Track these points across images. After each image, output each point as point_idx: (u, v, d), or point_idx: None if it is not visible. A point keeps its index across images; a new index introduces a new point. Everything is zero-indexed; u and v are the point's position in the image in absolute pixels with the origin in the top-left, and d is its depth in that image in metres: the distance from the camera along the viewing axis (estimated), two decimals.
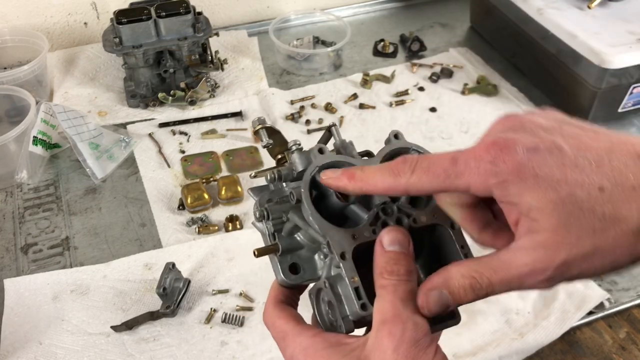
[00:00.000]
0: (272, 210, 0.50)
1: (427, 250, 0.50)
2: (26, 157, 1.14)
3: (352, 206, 0.47)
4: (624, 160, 0.38)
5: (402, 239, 0.44)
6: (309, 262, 0.50)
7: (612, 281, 0.98)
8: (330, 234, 0.45)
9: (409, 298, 0.42)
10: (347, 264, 0.44)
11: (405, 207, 0.47)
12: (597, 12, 1.27)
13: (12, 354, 0.87)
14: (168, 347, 0.88)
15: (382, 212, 0.47)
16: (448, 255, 0.48)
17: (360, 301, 0.44)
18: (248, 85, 1.41)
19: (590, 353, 0.89)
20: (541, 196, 0.37)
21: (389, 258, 0.44)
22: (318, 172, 0.48)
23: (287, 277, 0.49)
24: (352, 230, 0.46)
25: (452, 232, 0.48)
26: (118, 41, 1.24)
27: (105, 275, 0.98)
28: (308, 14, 1.63)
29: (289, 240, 0.50)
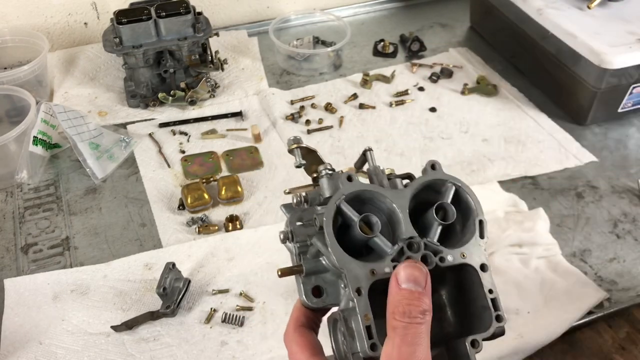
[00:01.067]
0: (297, 232, 0.49)
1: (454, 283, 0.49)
2: (26, 157, 1.14)
3: (376, 239, 0.46)
4: None
5: (419, 277, 0.43)
6: (333, 285, 0.49)
7: (612, 281, 0.98)
8: (348, 267, 0.44)
9: (417, 342, 0.41)
10: (361, 301, 0.43)
11: (432, 244, 0.46)
12: (596, 12, 1.28)
13: (13, 353, 0.87)
14: (168, 347, 0.88)
15: (407, 247, 0.45)
16: (474, 297, 0.47)
17: (370, 341, 0.43)
18: (248, 85, 1.41)
19: (590, 353, 0.89)
20: None
21: (402, 297, 0.42)
22: (344, 200, 0.47)
23: (309, 299, 0.48)
24: (372, 265, 0.44)
25: (481, 275, 0.46)
26: (118, 41, 1.24)
27: (105, 275, 0.99)
28: (308, 14, 1.63)
29: (314, 262, 0.49)
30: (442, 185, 0.49)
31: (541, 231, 1.03)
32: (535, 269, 0.98)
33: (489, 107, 1.35)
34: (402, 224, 0.46)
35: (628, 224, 1.08)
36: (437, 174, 0.49)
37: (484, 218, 0.48)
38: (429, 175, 0.49)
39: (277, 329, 0.90)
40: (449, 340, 0.47)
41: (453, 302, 0.49)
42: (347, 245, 0.46)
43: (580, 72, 1.23)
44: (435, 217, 0.47)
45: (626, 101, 1.27)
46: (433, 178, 0.49)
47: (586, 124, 1.30)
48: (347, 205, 0.47)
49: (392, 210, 0.47)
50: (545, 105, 1.35)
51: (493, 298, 0.45)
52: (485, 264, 0.46)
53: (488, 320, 0.45)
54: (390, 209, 0.48)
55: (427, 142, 1.26)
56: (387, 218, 0.48)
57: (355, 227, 0.46)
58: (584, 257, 1.02)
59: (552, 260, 0.99)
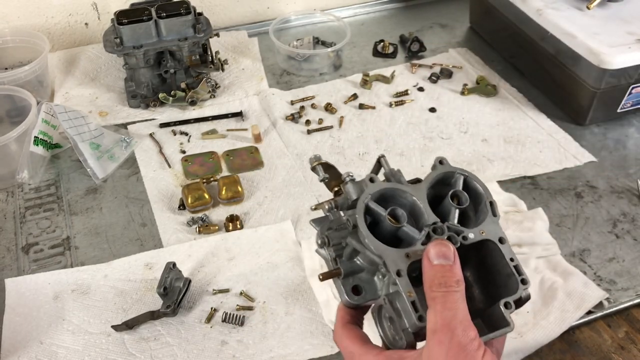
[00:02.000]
0: (332, 237, 0.54)
1: (476, 263, 0.54)
2: (27, 157, 1.14)
3: (404, 228, 0.51)
4: None
5: (447, 252, 0.48)
6: (369, 283, 0.53)
7: (612, 281, 0.98)
8: (385, 254, 0.49)
9: (456, 307, 0.46)
10: (403, 281, 0.48)
11: (454, 226, 0.51)
12: (596, 13, 1.28)
13: (13, 353, 0.88)
14: (168, 347, 0.89)
15: (433, 231, 0.51)
16: (498, 267, 0.52)
17: (418, 313, 0.47)
18: (248, 85, 1.41)
19: (590, 352, 0.89)
20: None
21: (436, 272, 0.47)
22: (371, 199, 0.52)
23: (350, 298, 0.53)
24: (406, 249, 0.50)
25: (501, 247, 0.51)
26: (119, 42, 1.25)
27: (106, 274, 0.99)
28: (308, 14, 1.64)
29: (350, 264, 0.54)
30: (451, 177, 0.55)
31: (540, 231, 1.03)
32: (535, 269, 0.98)
33: (489, 108, 1.35)
34: (424, 213, 0.52)
35: (627, 223, 1.08)
36: (446, 167, 0.55)
37: (493, 199, 0.54)
38: (439, 169, 0.55)
39: (278, 328, 0.91)
40: (481, 314, 0.52)
41: (479, 280, 0.54)
42: (377, 239, 0.50)
43: (580, 72, 1.23)
44: (452, 203, 0.53)
45: (625, 101, 1.27)
46: (443, 172, 0.55)
47: (585, 124, 1.30)
48: (374, 203, 0.52)
49: (414, 203, 0.53)
50: (544, 105, 1.36)
51: (515, 265, 0.51)
52: (503, 237, 0.52)
53: (514, 285, 0.51)
54: (412, 202, 0.53)
55: (427, 142, 1.26)
56: (410, 211, 0.53)
57: (385, 221, 0.51)
58: (583, 256, 1.02)
59: (551, 260, 0.99)
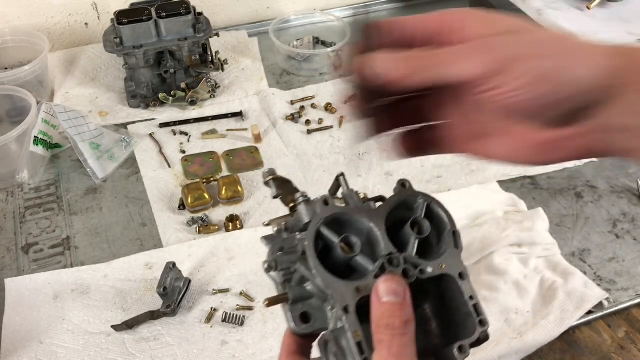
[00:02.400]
0: (280, 261, 0.50)
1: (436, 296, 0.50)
2: (27, 157, 1.14)
3: (357, 258, 0.47)
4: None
5: (398, 289, 0.44)
6: (320, 311, 0.49)
7: (612, 281, 0.98)
8: (333, 287, 0.45)
9: (403, 352, 0.42)
10: (349, 318, 0.44)
11: (411, 258, 0.47)
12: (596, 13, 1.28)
13: (13, 353, 0.88)
14: (168, 347, 0.89)
15: (388, 263, 0.47)
16: (457, 306, 0.48)
17: (363, 356, 0.44)
18: (248, 85, 1.41)
19: (589, 352, 0.89)
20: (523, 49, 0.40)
21: (385, 310, 0.43)
22: (323, 224, 0.48)
23: (297, 326, 0.49)
24: (357, 283, 0.46)
25: (460, 284, 0.48)
26: (119, 41, 1.25)
27: (106, 274, 0.99)
28: (308, 14, 1.63)
29: (299, 289, 0.50)
30: (414, 202, 0.50)
31: (540, 231, 1.03)
32: (535, 269, 0.98)
33: None
34: (380, 242, 0.48)
35: (627, 223, 1.08)
36: (408, 191, 0.51)
37: (457, 229, 0.50)
38: (400, 193, 0.51)
39: (278, 328, 0.91)
40: (437, 351, 0.48)
41: (437, 314, 0.50)
42: (329, 268, 0.47)
43: None
44: (411, 232, 0.48)
45: None
46: (405, 195, 0.50)
47: None
48: (326, 229, 0.48)
49: (370, 230, 0.49)
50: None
51: (475, 304, 0.47)
52: (464, 273, 0.48)
53: (472, 326, 0.47)
54: (368, 228, 0.49)
55: None
56: (366, 238, 0.49)
57: (337, 249, 0.47)
58: (583, 256, 1.02)
59: (551, 260, 0.99)
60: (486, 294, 0.94)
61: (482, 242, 1.01)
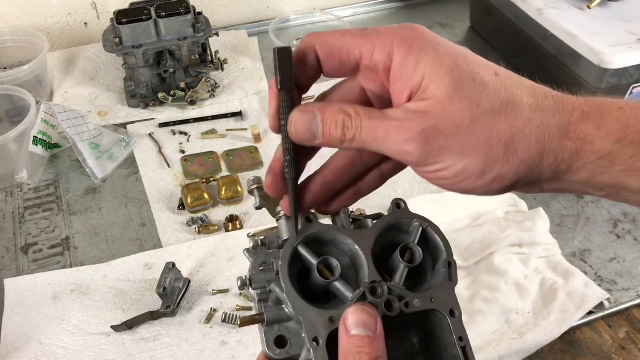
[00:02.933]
0: (255, 279, 0.46)
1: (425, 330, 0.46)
2: (26, 157, 1.14)
3: (336, 283, 0.42)
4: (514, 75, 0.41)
5: (369, 321, 0.39)
6: (297, 335, 0.45)
7: (612, 281, 0.98)
8: (305, 315, 0.41)
9: None
10: (318, 351, 0.40)
11: (397, 288, 0.42)
12: (596, 12, 1.27)
13: (13, 353, 0.87)
14: (168, 347, 0.88)
15: (370, 292, 0.42)
16: (445, 344, 0.43)
17: None
18: (248, 85, 1.41)
19: (590, 353, 0.89)
20: (438, 62, 0.38)
21: (352, 345, 0.39)
22: (302, 243, 0.43)
23: (271, 350, 0.45)
24: (331, 312, 0.41)
25: (450, 322, 0.43)
26: (118, 41, 1.24)
27: (105, 275, 0.99)
28: (308, 14, 1.63)
29: (276, 311, 0.46)
30: (409, 225, 0.46)
31: (541, 231, 1.03)
32: (535, 269, 0.98)
33: None
34: (365, 267, 0.43)
35: (628, 224, 1.08)
36: (403, 213, 0.46)
37: (453, 260, 0.44)
38: (394, 214, 0.46)
39: None
40: None
41: (425, 349, 0.46)
42: (310, 291, 0.43)
43: (580, 72, 1.23)
44: (400, 259, 0.43)
45: None
46: (398, 217, 0.45)
47: None
48: (306, 248, 0.44)
49: (355, 253, 0.44)
50: None
51: (463, 346, 0.42)
52: (455, 310, 0.43)
53: None
54: (353, 251, 0.44)
55: None
56: (351, 261, 0.45)
57: (314, 272, 0.42)
58: (584, 257, 1.02)
59: (552, 260, 0.99)
60: (487, 295, 0.94)
61: (482, 242, 1.00)
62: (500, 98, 0.38)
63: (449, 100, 0.37)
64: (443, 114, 0.37)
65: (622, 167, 0.37)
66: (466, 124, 0.37)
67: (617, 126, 0.37)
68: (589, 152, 0.38)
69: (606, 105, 0.38)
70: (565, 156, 0.38)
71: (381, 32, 0.39)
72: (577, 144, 0.38)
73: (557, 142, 0.38)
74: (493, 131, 0.37)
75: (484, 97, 0.37)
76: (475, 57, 0.40)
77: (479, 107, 0.37)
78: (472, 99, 0.37)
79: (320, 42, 0.41)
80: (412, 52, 0.38)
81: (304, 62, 0.41)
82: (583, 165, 0.38)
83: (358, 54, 0.40)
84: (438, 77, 0.38)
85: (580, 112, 0.38)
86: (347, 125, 0.40)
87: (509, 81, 0.39)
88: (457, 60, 0.38)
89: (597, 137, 0.37)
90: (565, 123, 0.38)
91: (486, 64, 0.39)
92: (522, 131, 0.38)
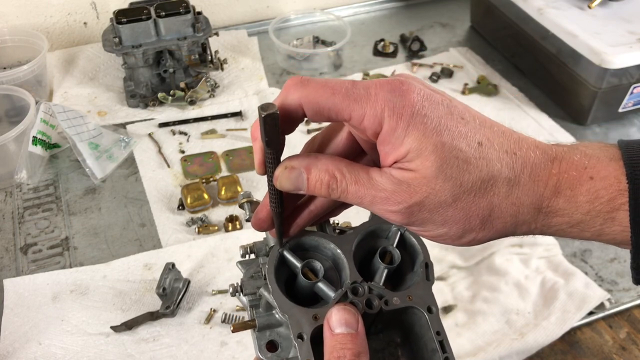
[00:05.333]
0: (246, 285, 0.49)
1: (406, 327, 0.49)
2: (26, 157, 1.14)
3: (319, 284, 0.46)
4: (500, 129, 0.42)
5: (350, 319, 0.43)
6: (288, 339, 0.48)
7: (613, 281, 0.98)
8: (290, 313, 0.44)
9: None
10: (303, 346, 0.43)
11: (377, 288, 0.46)
12: (597, 12, 1.27)
13: (12, 354, 0.87)
14: (168, 348, 0.88)
15: (351, 292, 0.45)
16: (424, 339, 0.46)
17: None
18: (248, 85, 1.41)
19: (591, 353, 0.89)
20: (424, 138, 0.39)
21: (336, 342, 0.42)
22: (288, 248, 0.47)
23: (262, 354, 0.48)
24: (315, 310, 0.44)
25: (428, 318, 0.46)
26: (118, 41, 1.24)
27: (105, 275, 0.98)
28: (308, 13, 1.63)
29: (267, 316, 0.49)
30: (388, 231, 0.49)
31: None
32: (536, 269, 0.97)
33: (490, 107, 1.35)
34: (346, 269, 0.46)
35: None
36: (382, 219, 0.48)
37: (430, 261, 0.48)
38: (373, 220, 0.49)
39: None
40: None
41: (406, 346, 0.49)
42: (297, 295, 0.46)
43: (581, 71, 1.23)
44: (380, 261, 0.47)
45: (627, 101, 1.26)
46: (378, 224, 0.49)
47: (587, 124, 1.30)
48: (291, 253, 0.47)
49: (337, 256, 0.48)
50: (545, 105, 1.35)
51: (440, 340, 0.45)
52: (432, 307, 0.46)
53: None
54: (336, 254, 0.48)
55: None
56: (335, 265, 0.48)
57: (299, 274, 0.46)
58: (585, 257, 1.02)
59: (552, 261, 0.99)
60: (487, 295, 0.93)
61: None
62: (481, 176, 0.40)
63: (434, 177, 0.40)
64: (427, 191, 0.40)
65: (592, 232, 0.41)
66: (449, 201, 0.40)
67: (586, 198, 0.40)
68: (560, 222, 0.41)
69: (577, 177, 0.40)
70: (538, 226, 0.42)
71: (372, 96, 0.40)
72: (549, 217, 0.41)
73: (530, 216, 0.41)
74: (472, 207, 0.41)
75: (466, 176, 0.40)
76: (460, 124, 0.40)
77: (461, 187, 0.40)
78: (455, 179, 0.40)
79: (308, 100, 0.41)
80: (401, 123, 0.39)
81: (290, 117, 0.42)
82: (555, 231, 0.42)
83: (347, 116, 0.41)
84: (423, 154, 0.39)
85: (552, 187, 0.41)
86: (332, 187, 0.42)
87: (491, 151, 0.40)
88: (442, 136, 0.40)
89: (568, 210, 0.41)
90: (538, 199, 0.41)
91: (471, 134, 0.40)
92: (499, 207, 0.41)
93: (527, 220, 0.41)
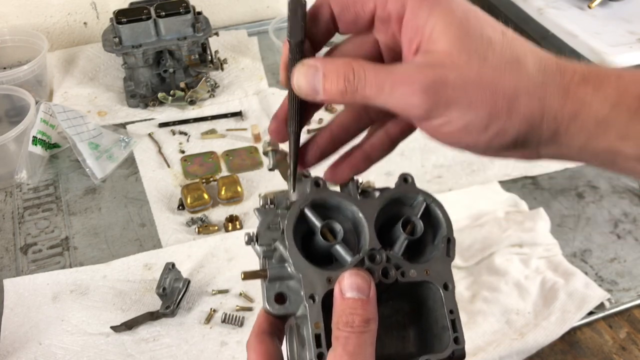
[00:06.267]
0: (262, 235, 0.47)
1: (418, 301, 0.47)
2: (26, 157, 1.14)
3: (337, 247, 0.44)
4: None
5: (363, 285, 0.42)
6: (297, 293, 0.46)
7: (613, 281, 0.98)
8: (304, 273, 0.43)
9: (359, 352, 0.40)
10: (313, 308, 0.42)
11: (395, 257, 0.44)
12: (597, 12, 1.27)
13: (12, 354, 0.87)
14: (168, 348, 0.88)
15: (368, 258, 0.44)
16: (436, 315, 0.45)
17: (318, 350, 0.41)
18: (248, 85, 1.41)
19: (591, 353, 0.89)
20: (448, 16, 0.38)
21: (346, 306, 0.41)
22: (309, 206, 0.45)
23: (270, 305, 0.46)
24: (330, 272, 0.43)
25: (443, 294, 0.44)
26: (118, 41, 1.24)
27: (105, 275, 0.98)
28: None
29: (279, 268, 0.47)
30: (413, 200, 0.48)
31: (542, 231, 1.02)
32: (536, 269, 0.97)
33: None
34: (366, 234, 0.45)
35: (629, 224, 1.08)
36: (409, 187, 0.48)
37: (453, 236, 0.47)
38: (400, 188, 0.48)
39: None
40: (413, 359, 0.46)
41: (416, 320, 0.48)
42: (312, 253, 0.45)
43: None
44: (402, 231, 0.45)
45: None
46: (404, 191, 0.47)
47: None
48: (312, 211, 0.45)
49: (358, 220, 0.46)
50: None
51: (453, 319, 0.44)
52: (449, 284, 0.45)
53: (446, 342, 0.44)
54: (357, 218, 0.46)
55: (427, 141, 1.25)
56: (354, 228, 0.47)
57: (318, 234, 0.45)
58: (585, 257, 1.02)
59: (552, 261, 0.99)
60: (487, 295, 0.93)
61: (483, 243, 1.00)
62: (505, 55, 0.38)
63: (458, 53, 0.38)
64: (452, 66, 0.38)
65: (617, 133, 0.38)
66: (474, 77, 0.38)
67: (614, 91, 0.38)
68: (586, 115, 0.38)
69: (606, 72, 0.39)
70: (564, 116, 0.39)
71: None
72: (576, 105, 0.38)
73: (557, 102, 0.38)
74: (498, 86, 0.38)
75: (490, 52, 0.38)
76: (486, 16, 0.40)
77: (485, 61, 0.38)
78: (479, 53, 0.38)
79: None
80: (425, 2, 0.39)
81: (318, 16, 0.42)
82: (580, 129, 0.39)
83: (372, 5, 0.41)
84: (448, 30, 0.38)
85: (580, 75, 0.39)
86: (349, 78, 0.40)
87: (515, 41, 0.39)
88: (467, 15, 0.39)
89: (595, 100, 0.38)
90: (566, 83, 0.38)
91: (495, 24, 0.40)
92: (526, 88, 0.38)
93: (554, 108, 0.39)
